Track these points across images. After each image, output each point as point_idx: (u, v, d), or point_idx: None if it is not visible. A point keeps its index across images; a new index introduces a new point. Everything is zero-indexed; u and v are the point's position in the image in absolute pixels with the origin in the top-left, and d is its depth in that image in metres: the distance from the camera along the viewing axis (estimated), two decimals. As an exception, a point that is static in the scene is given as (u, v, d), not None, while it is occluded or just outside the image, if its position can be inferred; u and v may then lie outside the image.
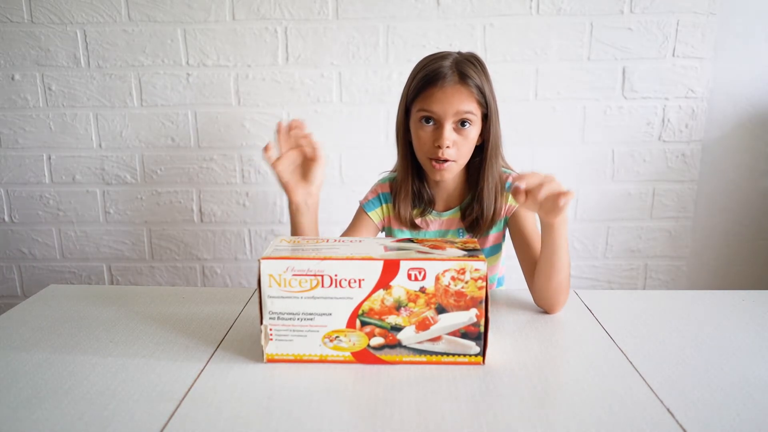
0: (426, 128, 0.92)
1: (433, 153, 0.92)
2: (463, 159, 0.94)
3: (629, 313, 0.80)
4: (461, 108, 0.90)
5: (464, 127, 0.91)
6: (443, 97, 0.90)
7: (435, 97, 0.90)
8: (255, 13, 1.47)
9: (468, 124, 0.92)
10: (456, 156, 0.92)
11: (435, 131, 0.92)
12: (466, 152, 0.94)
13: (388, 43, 1.47)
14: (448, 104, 0.90)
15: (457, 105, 0.90)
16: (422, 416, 0.55)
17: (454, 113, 0.90)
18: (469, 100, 0.90)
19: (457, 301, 0.63)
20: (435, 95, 0.90)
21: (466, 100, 0.90)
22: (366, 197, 1.07)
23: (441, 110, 0.90)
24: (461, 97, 0.90)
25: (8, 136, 1.57)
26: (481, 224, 0.98)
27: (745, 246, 1.60)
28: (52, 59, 1.51)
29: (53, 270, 1.67)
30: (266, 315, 0.64)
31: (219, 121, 1.54)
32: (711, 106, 1.51)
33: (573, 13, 1.45)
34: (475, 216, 0.98)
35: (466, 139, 0.92)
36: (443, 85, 0.90)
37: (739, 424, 0.53)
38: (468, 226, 1.00)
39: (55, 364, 0.66)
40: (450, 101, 0.90)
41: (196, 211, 1.61)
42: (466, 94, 0.90)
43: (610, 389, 0.60)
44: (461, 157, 0.93)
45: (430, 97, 0.90)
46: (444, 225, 1.03)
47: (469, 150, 0.95)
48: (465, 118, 0.91)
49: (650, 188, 1.56)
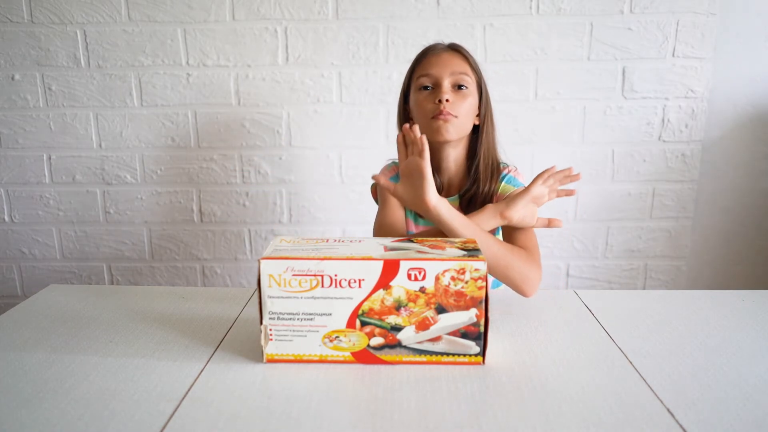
0: (425, 93, 0.98)
1: (433, 110, 0.95)
2: (463, 118, 0.97)
3: (629, 313, 0.80)
4: (456, 69, 0.96)
5: (461, 90, 0.97)
6: (438, 60, 0.97)
7: (431, 62, 0.98)
8: (255, 13, 1.47)
9: (465, 88, 0.97)
10: (456, 112, 0.95)
11: (434, 92, 0.97)
12: (464, 113, 0.97)
13: (388, 43, 1.47)
14: (444, 65, 0.96)
15: (452, 66, 0.96)
16: (422, 416, 0.55)
17: (450, 73, 0.96)
18: (463, 62, 0.98)
19: (457, 301, 0.63)
20: (431, 60, 0.98)
21: (461, 63, 0.98)
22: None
23: (437, 72, 0.96)
24: (455, 60, 0.97)
25: (8, 136, 1.57)
26: (475, 201, 1.00)
27: (745, 246, 1.60)
28: (52, 59, 1.51)
29: (53, 270, 1.67)
30: (266, 315, 0.64)
31: (219, 121, 1.54)
32: (711, 106, 1.51)
33: (573, 13, 1.45)
34: (472, 193, 1.00)
35: (464, 99, 0.96)
36: (437, 52, 0.99)
37: (739, 424, 0.53)
38: (464, 206, 1.01)
39: (55, 364, 0.66)
40: (445, 63, 0.97)
41: (196, 211, 1.61)
42: (460, 57, 0.98)
43: (610, 389, 0.60)
44: (461, 115, 0.96)
45: (427, 64, 0.98)
46: None
47: (467, 113, 0.98)
48: (461, 80, 0.96)
49: (650, 188, 1.56)
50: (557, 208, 1.57)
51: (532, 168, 1.53)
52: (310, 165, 1.56)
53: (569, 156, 1.54)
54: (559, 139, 1.53)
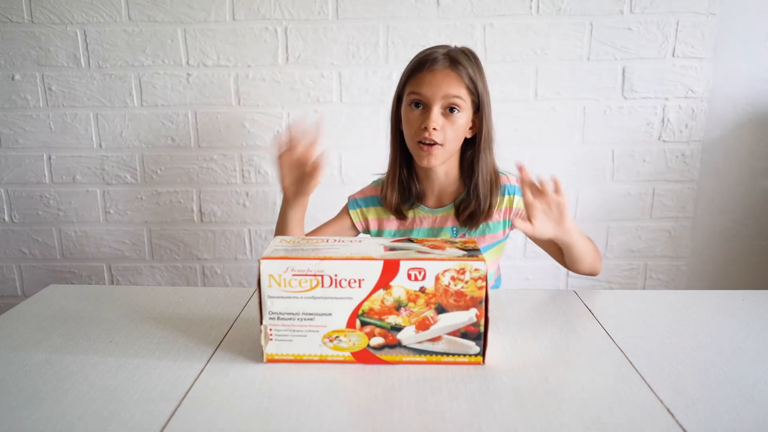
0: (415, 112, 0.94)
1: (420, 135, 0.93)
2: (450, 145, 0.94)
3: (629, 313, 0.80)
4: (450, 92, 0.91)
5: (452, 113, 0.93)
6: (432, 79, 0.91)
7: (424, 80, 0.92)
8: (255, 13, 1.47)
9: (456, 110, 0.93)
10: (442, 140, 0.92)
11: (423, 114, 0.93)
12: (453, 138, 0.94)
13: (388, 43, 1.47)
14: (437, 87, 0.91)
15: (445, 88, 0.91)
16: (422, 416, 0.55)
17: (443, 96, 0.91)
18: (458, 85, 0.92)
19: (457, 301, 0.63)
20: (425, 78, 0.92)
21: (455, 84, 0.92)
22: (354, 195, 1.09)
23: (429, 93, 0.91)
24: (450, 81, 0.91)
25: (8, 136, 1.57)
26: (477, 218, 0.98)
27: (745, 246, 1.60)
28: (52, 59, 1.51)
29: (53, 270, 1.67)
30: (266, 315, 0.64)
31: (219, 121, 1.54)
32: (711, 106, 1.51)
33: (573, 13, 1.45)
34: (471, 210, 0.98)
35: (454, 125, 0.93)
36: (433, 68, 0.92)
37: (739, 424, 0.53)
38: (463, 221, 1.00)
39: (55, 364, 0.66)
40: (439, 84, 0.91)
41: (196, 211, 1.61)
42: (456, 78, 0.92)
43: (610, 389, 0.60)
44: (448, 142, 0.93)
45: (420, 80, 0.92)
46: (437, 222, 1.02)
47: (457, 137, 0.95)
48: (453, 103, 0.92)
49: (650, 188, 1.56)
50: (557, 208, 1.57)
51: (533, 168, 1.53)
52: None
53: (569, 156, 1.54)
54: (559, 139, 1.53)
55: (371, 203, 1.06)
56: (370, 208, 1.06)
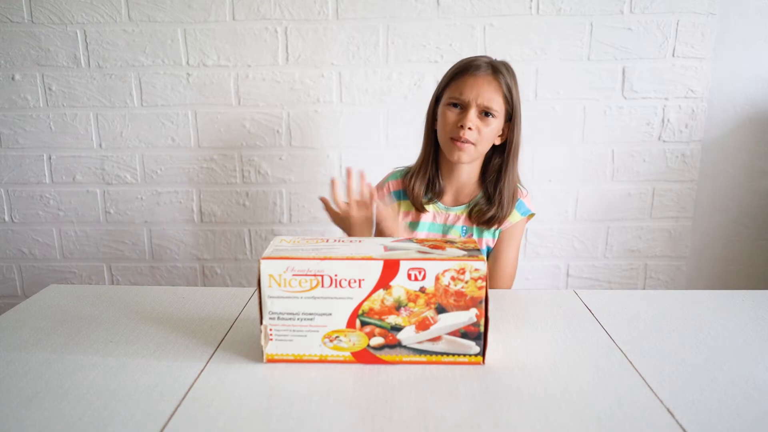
0: (453, 111, 1.00)
1: (455, 132, 0.98)
2: (480, 146, 1.00)
3: (629, 313, 0.80)
4: (488, 96, 0.97)
5: (487, 117, 0.98)
6: (474, 83, 0.98)
7: (467, 83, 0.98)
8: (255, 13, 1.47)
9: (491, 116, 0.98)
10: (475, 139, 0.98)
11: (460, 114, 0.99)
12: (484, 140, 0.99)
13: (388, 43, 1.47)
14: (477, 90, 0.97)
15: (484, 93, 0.97)
16: (422, 416, 0.55)
17: (481, 100, 0.97)
18: (497, 93, 0.98)
19: (457, 301, 0.63)
20: (467, 81, 0.98)
21: (494, 92, 0.98)
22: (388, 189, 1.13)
23: (469, 95, 0.97)
24: (490, 88, 0.98)
25: (8, 136, 1.57)
26: (493, 222, 1.03)
27: (745, 246, 1.60)
28: (52, 59, 1.51)
29: (53, 270, 1.67)
30: (266, 315, 0.64)
31: (219, 121, 1.54)
32: (711, 106, 1.51)
33: (573, 13, 1.45)
34: (491, 214, 1.02)
35: (488, 127, 0.99)
36: (475, 74, 0.98)
37: (739, 424, 0.53)
38: (479, 223, 1.04)
39: (55, 364, 0.66)
40: (479, 89, 0.97)
41: (196, 211, 1.61)
42: (495, 86, 0.98)
43: (610, 389, 0.60)
44: (479, 143, 0.99)
45: (462, 83, 0.99)
46: (450, 220, 1.06)
47: (488, 140, 1.00)
48: (489, 107, 0.98)
49: (650, 188, 1.56)
50: (557, 208, 1.57)
51: (533, 168, 1.54)
52: (310, 165, 1.56)
53: (569, 156, 1.54)
54: (559, 139, 1.53)
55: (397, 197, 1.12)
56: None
